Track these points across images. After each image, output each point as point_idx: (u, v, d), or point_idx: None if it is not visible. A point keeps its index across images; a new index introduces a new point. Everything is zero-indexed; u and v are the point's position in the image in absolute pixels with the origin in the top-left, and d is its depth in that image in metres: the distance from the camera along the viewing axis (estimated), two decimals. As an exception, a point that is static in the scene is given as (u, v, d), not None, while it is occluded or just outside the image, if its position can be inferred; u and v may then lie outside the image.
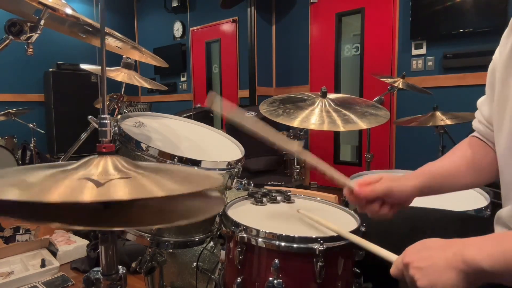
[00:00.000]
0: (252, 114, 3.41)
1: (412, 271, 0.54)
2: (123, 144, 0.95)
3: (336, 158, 3.98)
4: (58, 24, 1.02)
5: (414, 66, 3.28)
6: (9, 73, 4.49)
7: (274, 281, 0.74)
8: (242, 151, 1.12)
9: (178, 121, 1.27)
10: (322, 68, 3.99)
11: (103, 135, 0.59)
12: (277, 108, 1.43)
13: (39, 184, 0.48)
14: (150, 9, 5.72)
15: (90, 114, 1.18)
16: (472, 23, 2.87)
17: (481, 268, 0.48)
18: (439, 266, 0.51)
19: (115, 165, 0.55)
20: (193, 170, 0.69)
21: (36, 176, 0.51)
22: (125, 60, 1.61)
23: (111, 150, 0.58)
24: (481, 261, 0.48)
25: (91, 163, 0.55)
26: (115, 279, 0.61)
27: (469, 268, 0.49)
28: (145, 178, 0.53)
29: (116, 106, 1.75)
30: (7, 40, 0.89)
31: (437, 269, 0.51)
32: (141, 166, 0.58)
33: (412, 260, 0.54)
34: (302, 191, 1.34)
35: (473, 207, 1.06)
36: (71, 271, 2.01)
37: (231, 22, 4.61)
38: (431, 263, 0.52)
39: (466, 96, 2.91)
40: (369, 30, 3.60)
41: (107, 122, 0.59)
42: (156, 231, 0.92)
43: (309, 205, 1.02)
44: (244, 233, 0.77)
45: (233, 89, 4.69)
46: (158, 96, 5.78)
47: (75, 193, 0.45)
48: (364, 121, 1.32)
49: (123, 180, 0.50)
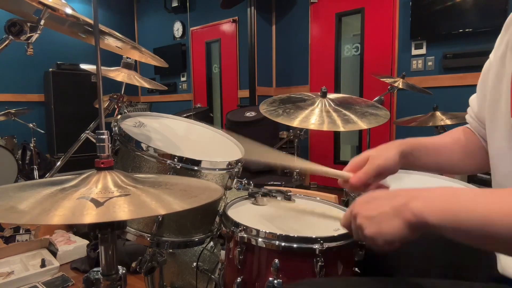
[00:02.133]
0: (252, 114, 3.41)
1: (360, 220, 0.56)
2: (123, 144, 0.95)
3: (336, 158, 3.98)
4: (58, 24, 1.02)
5: (414, 66, 3.28)
6: (9, 73, 4.48)
7: (274, 281, 0.74)
8: (242, 151, 1.12)
9: (178, 121, 1.27)
10: (322, 68, 3.99)
11: (101, 151, 0.59)
12: (277, 108, 1.43)
13: (38, 205, 0.48)
14: (150, 9, 5.72)
15: (90, 114, 1.18)
16: (472, 23, 2.87)
17: (426, 221, 0.49)
18: (386, 214, 0.52)
19: (114, 181, 0.56)
20: (192, 181, 0.69)
21: (35, 196, 0.51)
22: (125, 60, 1.61)
23: (110, 165, 0.58)
24: (427, 215, 0.49)
25: (90, 179, 0.55)
26: (115, 279, 0.61)
27: (415, 219, 0.50)
28: (144, 194, 0.53)
29: (116, 106, 1.75)
30: (7, 40, 0.89)
31: (384, 217, 0.52)
32: (140, 180, 0.59)
33: (360, 210, 0.56)
34: (302, 191, 1.34)
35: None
36: (71, 271, 2.01)
37: (231, 22, 4.61)
38: (379, 212, 0.53)
39: (466, 96, 2.86)
40: (369, 30, 3.60)
41: (105, 138, 0.59)
42: (156, 231, 0.92)
43: (309, 205, 1.02)
44: (244, 233, 0.78)
45: (233, 89, 4.69)
46: (158, 96, 5.78)
47: (75, 215, 0.45)
48: (364, 121, 1.32)
49: (123, 198, 0.51)
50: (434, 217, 0.48)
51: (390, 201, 0.53)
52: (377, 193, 0.58)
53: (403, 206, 0.51)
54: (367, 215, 0.55)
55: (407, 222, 0.50)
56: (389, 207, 0.53)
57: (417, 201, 0.50)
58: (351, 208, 0.59)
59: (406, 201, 0.51)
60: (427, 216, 0.49)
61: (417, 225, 0.50)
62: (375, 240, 0.53)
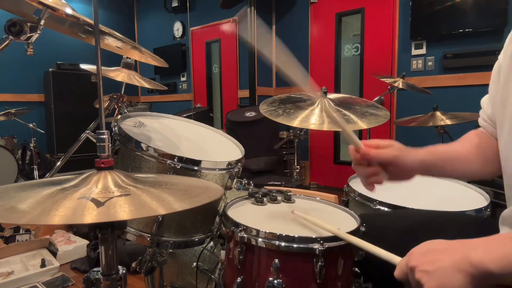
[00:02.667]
0: (252, 114, 3.40)
1: (418, 274, 0.53)
2: (123, 144, 0.95)
3: (336, 158, 3.98)
4: (58, 24, 1.03)
5: (414, 66, 3.28)
6: (9, 73, 4.48)
7: (274, 281, 0.74)
8: (242, 151, 1.12)
9: (178, 121, 1.27)
10: (322, 68, 3.99)
11: (101, 150, 0.59)
12: (277, 108, 1.43)
13: (39, 205, 0.48)
14: (150, 9, 5.72)
15: (90, 114, 1.19)
16: (472, 23, 2.87)
17: (489, 270, 0.48)
18: (446, 269, 0.51)
19: (115, 180, 0.56)
20: (192, 181, 0.69)
21: (36, 196, 0.51)
22: (125, 60, 1.62)
23: (110, 165, 0.58)
24: (489, 264, 0.48)
25: (91, 179, 0.55)
26: (115, 279, 0.61)
27: (476, 271, 0.49)
28: (144, 194, 0.53)
29: (116, 106, 1.75)
30: (7, 40, 0.89)
31: (444, 273, 0.51)
32: (140, 180, 0.59)
33: (418, 264, 0.54)
34: (302, 191, 1.34)
35: (473, 207, 1.06)
36: (71, 271, 2.01)
37: (231, 22, 4.61)
38: (438, 266, 0.51)
39: (466, 96, 2.91)
40: (369, 30, 3.60)
41: (105, 137, 0.59)
42: (156, 231, 0.92)
43: (309, 205, 1.02)
44: (244, 233, 0.77)
45: (233, 89, 4.69)
46: (158, 96, 5.78)
47: (76, 215, 0.45)
48: (364, 121, 1.31)
49: (123, 198, 0.51)
50: (496, 265, 0.47)
51: (449, 254, 0.52)
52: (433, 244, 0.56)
53: (463, 260, 0.50)
54: (426, 269, 0.52)
55: (470, 275, 0.49)
56: (449, 261, 0.51)
57: (476, 252, 0.50)
58: (407, 259, 0.56)
59: (465, 253, 0.50)
60: (489, 265, 0.48)
61: (480, 276, 0.49)
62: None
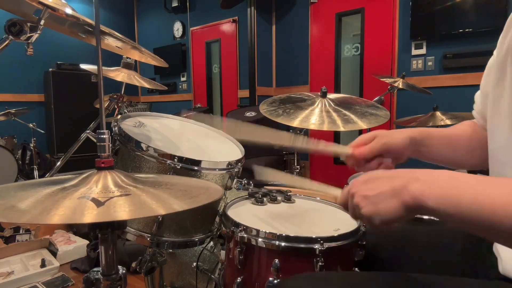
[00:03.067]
0: (252, 114, 3.40)
1: (357, 199, 0.55)
2: (123, 144, 0.95)
3: (336, 158, 3.98)
4: (58, 24, 1.02)
5: (414, 66, 3.28)
6: (9, 73, 4.48)
7: (274, 281, 0.74)
8: (242, 151, 1.12)
9: (178, 121, 1.27)
10: (322, 68, 3.99)
11: (101, 150, 0.59)
12: (277, 108, 1.43)
13: (39, 205, 0.48)
14: (150, 9, 5.72)
15: (90, 114, 1.19)
16: (472, 23, 2.87)
17: (425, 204, 0.48)
18: (384, 194, 0.52)
19: (115, 180, 0.56)
20: (192, 181, 0.69)
21: (36, 195, 0.51)
22: (125, 60, 1.61)
23: (110, 165, 0.58)
24: (427, 199, 0.48)
25: (91, 179, 0.55)
26: (115, 279, 0.61)
27: (413, 202, 0.49)
28: (144, 194, 0.53)
29: (116, 106, 1.75)
30: (7, 40, 0.89)
31: (382, 197, 0.52)
32: (140, 180, 0.59)
33: (358, 189, 0.56)
34: (302, 191, 1.34)
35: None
36: (71, 271, 2.01)
37: (231, 22, 4.61)
38: (378, 192, 0.53)
39: (466, 96, 2.89)
40: (369, 30, 3.60)
41: (106, 137, 0.59)
42: (156, 231, 0.92)
43: (309, 205, 1.02)
44: (244, 233, 0.77)
45: (233, 89, 4.69)
46: (158, 96, 5.78)
47: (76, 214, 0.45)
48: (364, 121, 1.32)
49: (123, 198, 0.51)
50: (434, 201, 0.48)
51: (389, 181, 0.53)
52: (376, 173, 0.57)
53: (402, 187, 0.50)
54: (365, 194, 0.54)
55: (405, 203, 0.50)
56: (388, 187, 0.52)
57: (416, 183, 0.50)
58: (349, 186, 0.58)
59: (405, 182, 0.51)
60: (427, 200, 0.48)
61: (415, 207, 0.49)
62: (371, 219, 0.53)
